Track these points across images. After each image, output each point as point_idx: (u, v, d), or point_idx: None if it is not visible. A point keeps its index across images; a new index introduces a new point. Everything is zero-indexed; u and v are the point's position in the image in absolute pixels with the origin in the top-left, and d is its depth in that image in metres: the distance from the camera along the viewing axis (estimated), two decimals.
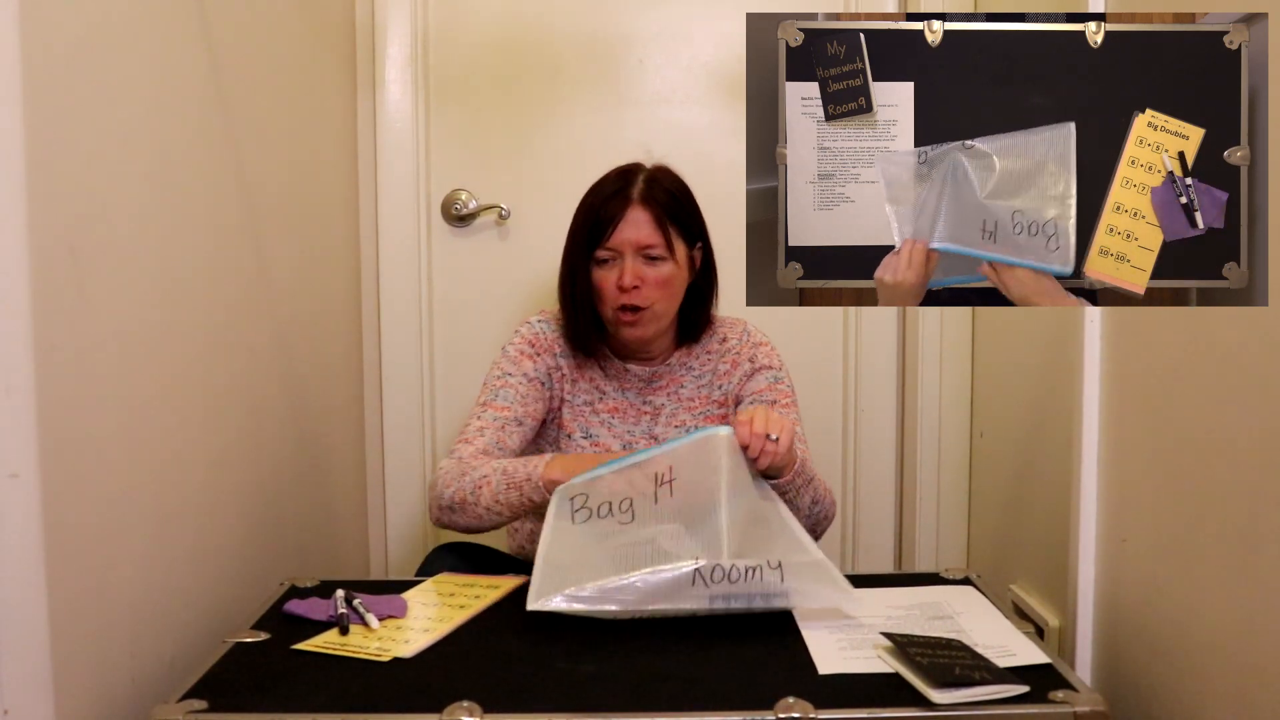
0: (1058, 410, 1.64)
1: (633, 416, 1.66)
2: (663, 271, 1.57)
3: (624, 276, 1.55)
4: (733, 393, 1.67)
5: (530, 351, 1.64)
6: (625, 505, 1.33)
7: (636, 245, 1.56)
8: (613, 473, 1.36)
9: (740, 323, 1.72)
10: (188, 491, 1.35)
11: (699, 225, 1.63)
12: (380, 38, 2.21)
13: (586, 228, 1.58)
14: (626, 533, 1.31)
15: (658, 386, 1.67)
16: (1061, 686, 1.10)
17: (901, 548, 2.32)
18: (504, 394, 1.60)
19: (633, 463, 1.36)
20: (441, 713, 1.04)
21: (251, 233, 1.59)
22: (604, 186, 1.60)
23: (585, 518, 1.33)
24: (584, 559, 1.28)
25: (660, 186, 1.59)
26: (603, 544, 1.30)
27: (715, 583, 1.24)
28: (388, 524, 2.29)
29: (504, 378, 1.62)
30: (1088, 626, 1.55)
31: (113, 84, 1.18)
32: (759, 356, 1.67)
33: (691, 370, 1.68)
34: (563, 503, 1.36)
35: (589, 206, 1.60)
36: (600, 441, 1.64)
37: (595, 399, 1.66)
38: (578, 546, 1.30)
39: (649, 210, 1.57)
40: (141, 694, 1.20)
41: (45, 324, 1.01)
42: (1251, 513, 1.17)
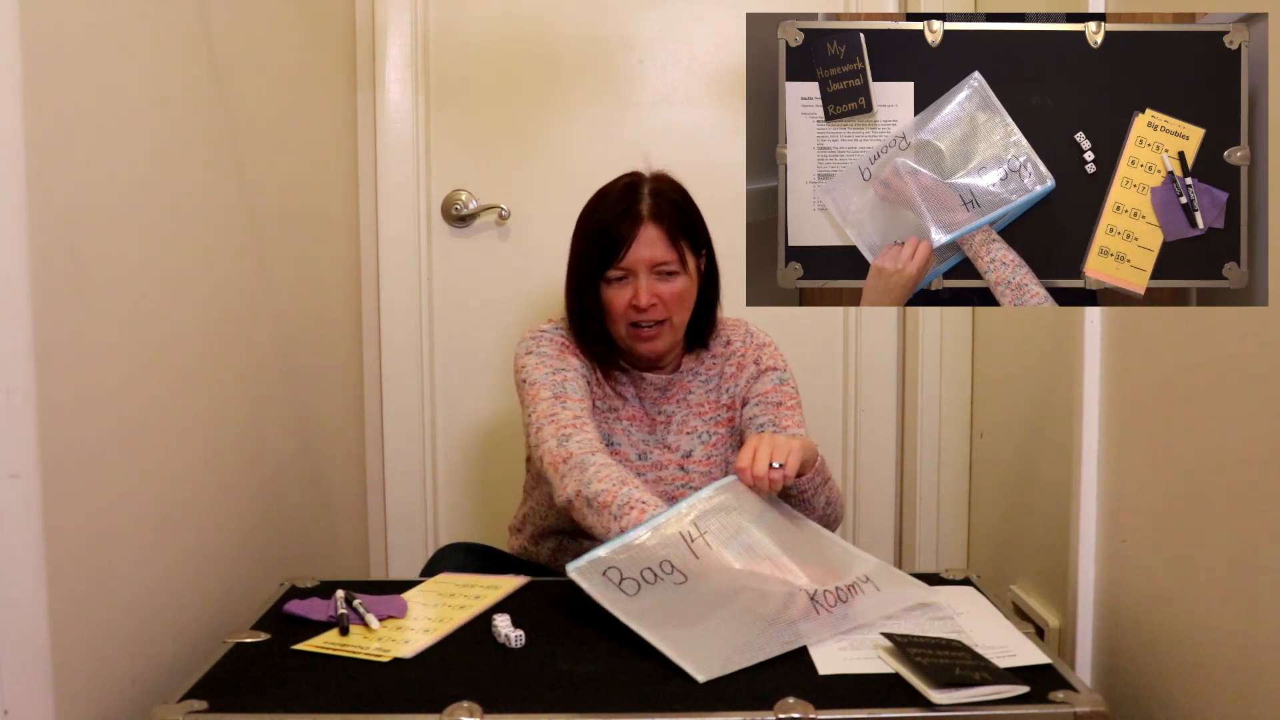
0: (1058, 410, 1.64)
1: (648, 426, 1.65)
2: (676, 286, 1.55)
3: (639, 296, 1.53)
4: (739, 395, 1.66)
5: (567, 349, 1.60)
6: (666, 567, 1.26)
7: (651, 264, 1.54)
8: (632, 544, 1.29)
9: (741, 323, 1.71)
10: (188, 491, 1.35)
11: (704, 233, 1.62)
12: (380, 38, 2.21)
13: (596, 247, 1.55)
14: (693, 588, 1.24)
15: (669, 395, 1.66)
16: (1061, 687, 1.10)
17: (901, 548, 2.32)
18: (569, 386, 1.54)
19: (649, 528, 1.30)
20: (441, 713, 1.04)
21: (251, 233, 1.59)
22: (610, 203, 1.56)
23: (635, 588, 1.23)
24: (688, 620, 1.21)
25: (667, 199, 1.56)
26: (687, 601, 1.23)
27: (828, 606, 1.24)
28: (388, 524, 2.29)
29: (560, 372, 1.56)
30: (1088, 627, 1.55)
31: (113, 84, 1.18)
32: (764, 358, 1.67)
33: (699, 375, 1.68)
34: (596, 583, 1.24)
35: (597, 225, 1.56)
36: (620, 450, 1.62)
37: (618, 405, 1.64)
38: (667, 611, 1.21)
39: (660, 227, 1.54)
40: (141, 694, 1.20)
41: (45, 324, 1.01)
42: (1251, 513, 1.17)
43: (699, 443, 1.65)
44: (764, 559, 1.29)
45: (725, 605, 1.23)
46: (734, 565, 1.28)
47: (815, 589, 1.25)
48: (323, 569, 1.79)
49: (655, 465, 1.63)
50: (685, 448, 1.64)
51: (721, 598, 1.24)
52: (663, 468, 1.63)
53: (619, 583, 1.23)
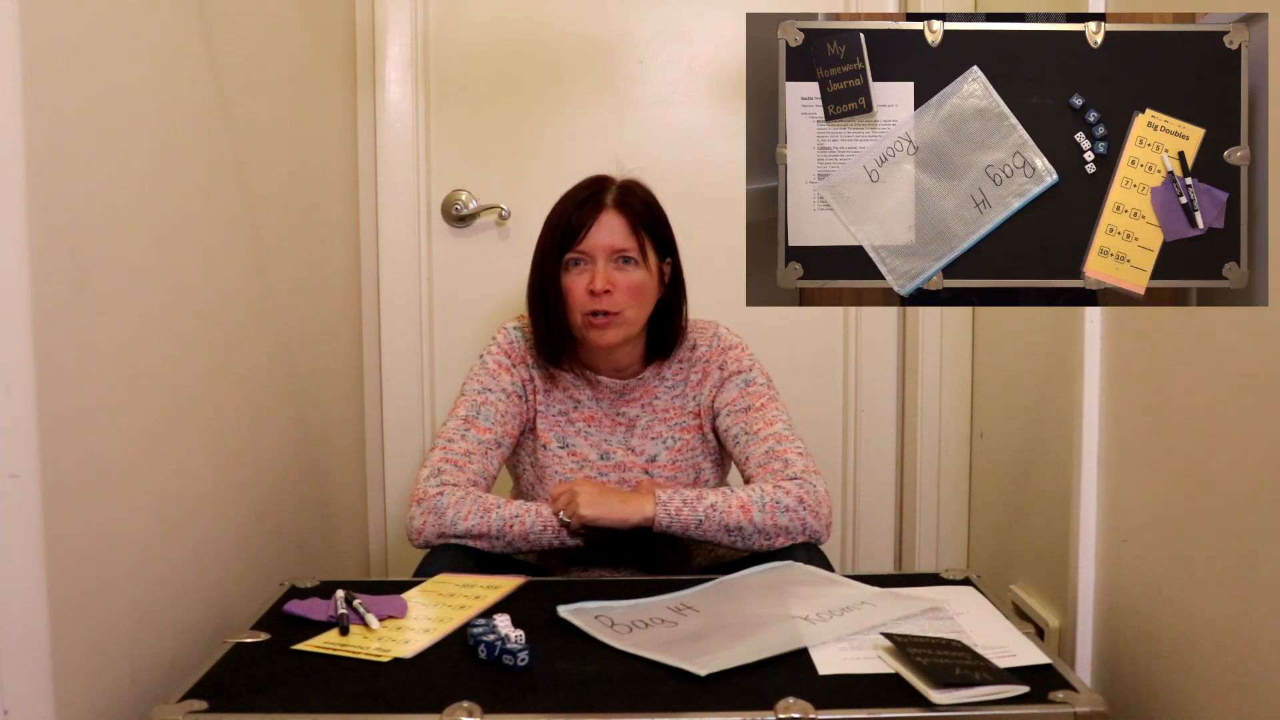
0: (1058, 410, 1.64)
1: (608, 426, 1.65)
2: (634, 277, 1.57)
3: (595, 280, 1.55)
4: (706, 404, 1.66)
5: (507, 363, 1.64)
6: (656, 621, 1.26)
7: (610, 249, 1.56)
8: (624, 602, 1.32)
9: (711, 325, 1.70)
10: (188, 491, 1.35)
11: (670, 238, 1.63)
12: (380, 38, 2.21)
13: (558, 232, 1.58)
14: (689, 623, 1.25)
15: (630, 399, 1.66)
16: (1061, 687, 1.09)
17: (901, 548, 2.32)
18: (485, 412, 1.60)
19: (632, 606, 1.31)
20: (441, 713, 1.04)
21: (252, 233, 1.59)
22: (575, 194, 1.60)
23: (628, 630, 1.23)
24: (686, 638, 1.21)
25: (634, 194, 1.60)
26: (683, 631, 1.23)
27: (827, 619, 1.25)
28: (388, 524, 2.29)
29: (484, 393, 1.62)
30: (1088, 627, 1.55)
31: (113, 84, 1.18)
32: (728, 362, 1.65)
33: (665, 381, 1.67)
34: (589, 622, 1.25)
35: (560, 213, 1.60)
36: (578, 451, 1.64)
37: (570, 408, 1.65)
38: (662, 639, 1.20)
39: (622, 215, 1.57)
40: (141, 694, 1.20)
41: (45, 325, 1.01)
42: (1251, 513, 1.17)
43: (664, 448, 1.65)
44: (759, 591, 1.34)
45: (723, 623, 1.25)
46: (728, 607, 1.31)
47: (812, 611, 1.27)
48: (323, 569, 1.79)
49: (619, 466, 1.64)
50: (650, 452, 1.65)
51: (719, 622, 1.25)
52: (627, 469, 1.64)
53: (611, 625, 1.25)
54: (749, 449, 1.58)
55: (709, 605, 1.31)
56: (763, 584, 1.38)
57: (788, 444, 1.56)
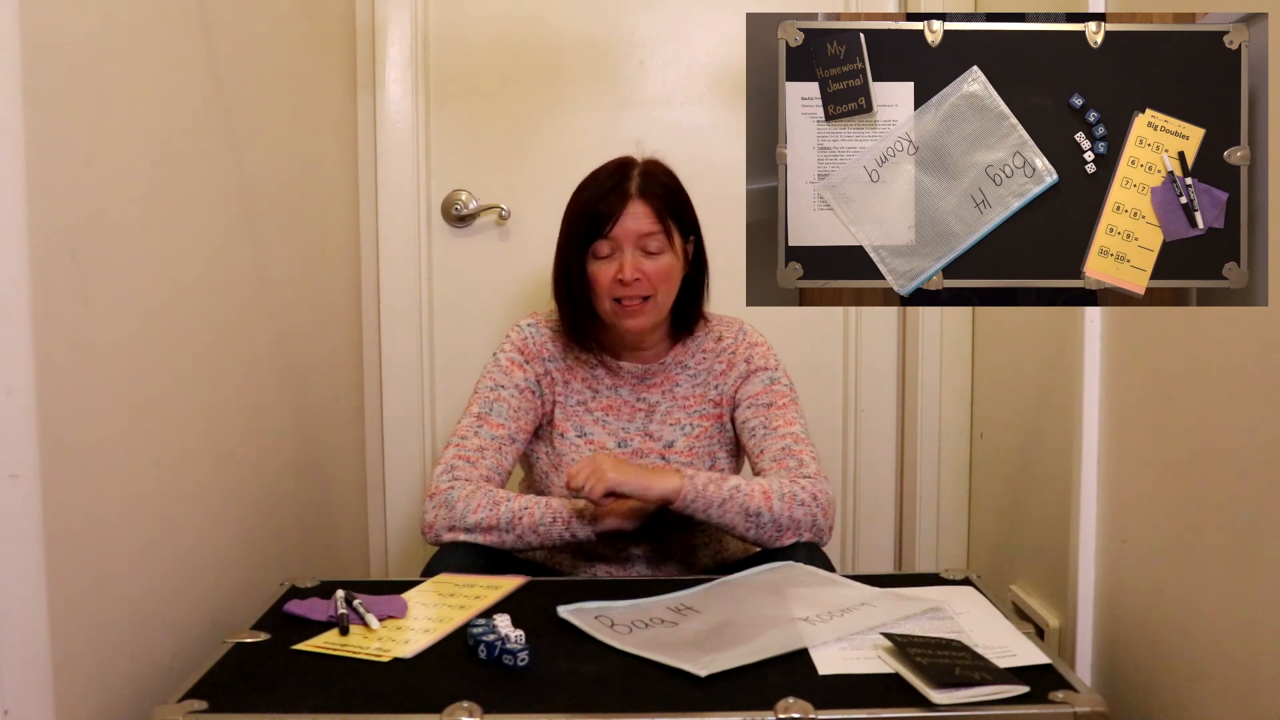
0: (1058, 410, 1.64)
1: (627, 414, 1.66)
2: (662, 263, 1.58)
3: (624, 270, 1.55)
4: (728, 394, 1.67)
5: (520, 360, 1.65)
6: (656, 622, 1.26)
7: (637, 237, 1.56)
8: (623, 602, 1.32)
9: (737, 322, 1.72)
10: (188, 491, 1.35)
11: (693, 218, 1.64)
12: (380, 38, 2.21)
13: (585, 222, 1.58)
14: (689, 624, 1.25)
15: (652, 384, 1.67)
16: (1061, 687, 1.09)
17: (901, 548, 2.32)
18: (498, 408, 1.61)
19: (632, 606, 1.31)
20: (441, 713, 1.04)
21: (252, 233, 1.59)
22: (599, 181, 1.60)
23: (628, 630, 1.23)
24: (687, 640, 1.21)
25: (657, 180, 1.60)
26: (684, 632, 1.23)
27: (827, 620, 1.25)
28: (388, 524, 2.29)
29: (497, 390, 1.62)
30: (1088, 627, 1.55)
31: (113, 84, 1.18)
32: (755, 357, 1.67)
33: (687, 369, 1.68)
34: (589, 622, 1.25)
35: (586, 202, 1.59)
36: (595, 439, 1.64)
37: (588, 397, 1.66)
38: (663, 640, 1.20)
39: (648, 203, 1.57)
40: (141, 694, 1.20)
41: (45, 325, 1.01)
42: (1251, 513, 1.17)
43: (681, 434, 1.65)
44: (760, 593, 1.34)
45: (723, 623, 1.25)
46: (728, 607, 1.31)
47: (812, 612, 1.27)
48: (323, 569, 1.79)
49: (636, 453, 1.64)
50: (668, 438, 1.65)
51: (719, 623, 1.25)
52: (643, 455, 1.64)
53: (611, 625, 1.25)
54: (765, 443, 1.59)
55: (709, 606, 1.31)
56: (763, 585, 1.38)
57: (803, 446, 1.58)
